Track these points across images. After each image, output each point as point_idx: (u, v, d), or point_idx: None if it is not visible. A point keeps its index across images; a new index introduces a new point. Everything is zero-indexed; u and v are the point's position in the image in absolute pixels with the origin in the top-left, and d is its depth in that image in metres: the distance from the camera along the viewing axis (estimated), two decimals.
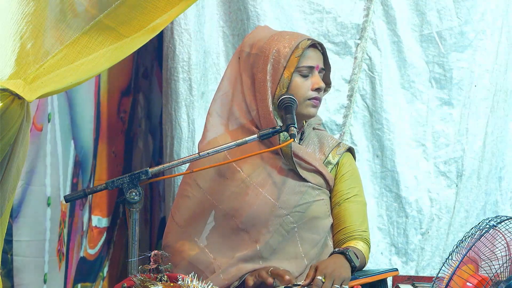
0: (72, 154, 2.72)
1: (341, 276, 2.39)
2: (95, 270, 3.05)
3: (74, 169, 2.74)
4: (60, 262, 2.63)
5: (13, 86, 1.92)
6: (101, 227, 3.09)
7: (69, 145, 2.70)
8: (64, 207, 2.65)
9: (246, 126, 2.62)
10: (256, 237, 2.55)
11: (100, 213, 3.06)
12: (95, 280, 3.05)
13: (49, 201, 2.51)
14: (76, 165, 2.75)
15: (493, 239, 2.15)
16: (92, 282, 3.02)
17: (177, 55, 3.22)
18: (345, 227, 2.63)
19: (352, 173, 2.70)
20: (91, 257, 3.00)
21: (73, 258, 2.77)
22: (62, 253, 2.65)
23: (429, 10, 3.28)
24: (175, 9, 2.15)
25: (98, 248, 3.06)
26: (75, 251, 2.79)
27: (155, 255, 2.07)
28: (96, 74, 2.19)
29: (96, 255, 3.04)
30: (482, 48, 3.28)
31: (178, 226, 2.63)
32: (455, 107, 3.31)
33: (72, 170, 2.73)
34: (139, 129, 3.54)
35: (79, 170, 2.78)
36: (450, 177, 3.30)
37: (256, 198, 2.56)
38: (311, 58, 2.61)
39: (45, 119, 2.49)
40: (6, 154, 1.96)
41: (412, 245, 3.29)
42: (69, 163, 2.70)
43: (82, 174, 2.81)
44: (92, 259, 3.01)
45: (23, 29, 1.96)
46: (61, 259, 2.63)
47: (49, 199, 2.51)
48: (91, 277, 3.01)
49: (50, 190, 2.51)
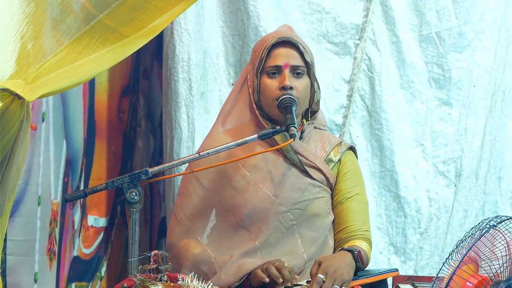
0: (64, 154, 2.72)
1: (342, 277, 2.39)
2: (91, 269, 3.04)
3: (66, 168, 2.73)
4: (51, 261, 2.61)
5: (13, 86, 1.92)
6: (98, 227, 3.08)
7: (61, 144, 2.69)
8: (56, 206, 2.64)
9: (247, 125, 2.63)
10: (255, 234, 2.54)
11: (97, 213, 3.05)
12: (91, 280, 3.04)
13: (40, 200, 2.50)
14: (67, 164, 2.75)
15: (493, 239, 2.15)
16: (88, 281, 3.01)
17: (177, 55, 3.22)
18: (347, 226, 2.62)
19: (354, 172, 2.69)
20: (86, 257, 2.99)
21: (66, 258, 2.76)
22: (54, 253, 2.64)
23: (428, 11, 3.28)
24: (175, 9, 2.15)
25: (94, 248, 3.05)
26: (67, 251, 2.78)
27: (155, 255, 2.07)
28: (97, 74, 2.19)
29: (92, 254, 3.03)
30: (481, 48, 3.29)
31: (181, 224, 2.63)
32: (454, 107, 3.31)
33: (63, 169, 2.72)
34: (138, 129, 3.53)
35: (69, 169, 2.78)
36: (449, 177, 3.31)
37: (256, 195, 2.56)
38: (277, 57, 2.56)
39: (40, 119, 2.49)
40: (6, 154, 1.96)
41: (410, 244, 3.29)
42: (61, 162, 2.70)
43: (72, 173, 2.81)
44: (87, 259, 3.00)
45: (23, 29, 1.96)
46: (52, 258, 2.62)
47: (40, 198, 2.50)
48: (86, 276, 3.00)
49: (41, 189, 2.50)
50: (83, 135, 2.90)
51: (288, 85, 2.53)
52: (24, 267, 2.42)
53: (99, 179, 3.04)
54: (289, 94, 2.53)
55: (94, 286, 3.06)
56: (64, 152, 2.72)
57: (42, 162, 2.51)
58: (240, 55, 3.29)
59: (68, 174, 2.76)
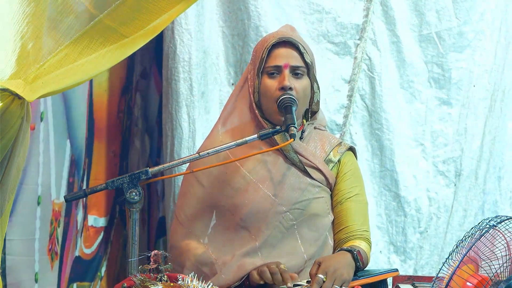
0: (68, 154, 2.71)
1: (342, 277, 2.39)
2: (93, 269, 3.04)
3: (70, 168, 2.73)
4: (53, 261, 2.61)
5: (13, 86, 1.92)
6: (98, 227, 3.08)
7: (64, 144, 2.69)
8: (58, 206, 2.63)
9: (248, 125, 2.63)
10: (255, 234, 2.55)
11: (96, 212, 3.05)
12: (93, 280, 3.04)
13: (39, 200, 2.50)
14: (72, 165, 2.74)
15: (493, 239, 2.15)
16: (90, 281, 3.01)
17: (178, 55, 3.22)
18: (346, 227, 2.62)
19: (354, 172, 2.69)
20: (88, 257, 2.99)
21: (68, 258, 2.76)
22: (55, 253, 2.63)
23: (428, 11, 3.28)
24: (175, 9, 2.15)
25: (95, 248, 3.05)
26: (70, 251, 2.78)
27: (155, 255, 2.07)
28: (97, 74, 2.19)
29: (93, 254, 3.03)
30: (481, 48, 3.29)
31: (182, 226, 2.63)
32: (453, 107, 3.31)
33: (68, 170, 2.71)
34: (135, 129, 3.52)
35: (75, 169, 2.78)
36: (449, 177, 3.31)
37: (255, 195, 2.56)
38: (277, 57, 2.56)
39: (38, 118, 2.48)
40: (6, 154, 1.96)
41: (410, 243, 3.29)
42: (64, 162, 2.69)
43: (78, 173, 2.80)
44: (88, 259, 3.00)
45: (24, 29, 1.96)
46: (53, 258, 2.61)
47: (39, 198, 2.50)
48: (88, 276, 3.00)
49: (41, 189, 2.50)
50: (85, 134, 2.90)
51: (288, 86, 2.53)
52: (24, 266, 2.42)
53: (98, 178, 3.04)
54: (289, 94, 2.53)
55: (95, 286, 3.06)
56: (68, 152, 2.71)
57: (42, 162, 2.51)
58: (241, 55, 3.29)
59: (74, 175, 2.76)
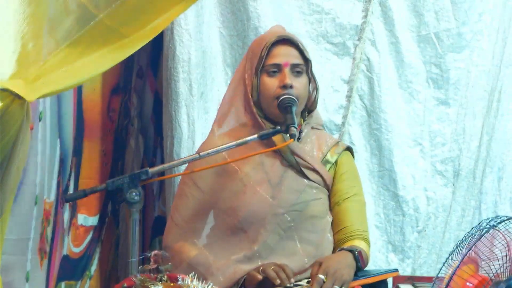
0: (58, 153, 2.71)
1: (342, 278, 2.39)
2: (80, 268, 3.03)
3: (59, 167, 2.73)
4: (42, 260, 2.60)
5: (13, 86, 1.91)
6: (87, 226, 3.06)
7: (55, 144, 2.69)
8: (49, 205, 2.62)
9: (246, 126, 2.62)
10: (253, 236, 2.54)
11: (86, 211, 3.04)
12: (80, 279, 3.03)
13: (37, 200, 2.50)
14: (60, 163, 2.74)
15: (493, 239, 2.15)
16: (77, 280, 3.00)
17: (177, 55, 3.22)
18: (345, 227, 2.62)
19: (351, 173, 2.70)
20: (76, 255, 2.97)
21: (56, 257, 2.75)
22: (44, 252, 2.62)
23: (426, 11, 3.29)
24: (175, 9, 2.15)
25: (84, 247, 3.04)
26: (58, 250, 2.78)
27: (155, 255, 2.06)
28: (97, 74, 2.19)
29: (81, 253, 3.02)
30: (479, 49, 3.30)
31: (177, 227, 2.62)
32: (452, 107, 3.32)
33: (58, 169, 2.71)
34: (131, 128, 3.51)
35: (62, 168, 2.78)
36: (447, 176, 3.32)
37: (253, 197, 2.56)
38: (278, 56, 2.56)
39: (37, 118, 2.48)
40: (6, 154, 1.95)
41: (408, 243, 3.30)
42: (55, 161, 2.69)
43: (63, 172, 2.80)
44: (77, 258, 2.98)
45: (24, 29, 1.95)
46: (43, 257, 2.60)
47: (37, 198, 2.49)
48: (76, 275, 2.99)
49: (38, 189, 2.50)
50: (72, 133, 2.89)
51: (289, 84, 2.54)
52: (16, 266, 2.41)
53: (89, 177, 3.02)
54: (289, 93, 2.53)
55: (83, 285, 3.05)
56: (58, 151, 2.71)
57: (40, 161, 2.50)
58: (240, 55, 3.29)
59: (61, 173, 2.76)
